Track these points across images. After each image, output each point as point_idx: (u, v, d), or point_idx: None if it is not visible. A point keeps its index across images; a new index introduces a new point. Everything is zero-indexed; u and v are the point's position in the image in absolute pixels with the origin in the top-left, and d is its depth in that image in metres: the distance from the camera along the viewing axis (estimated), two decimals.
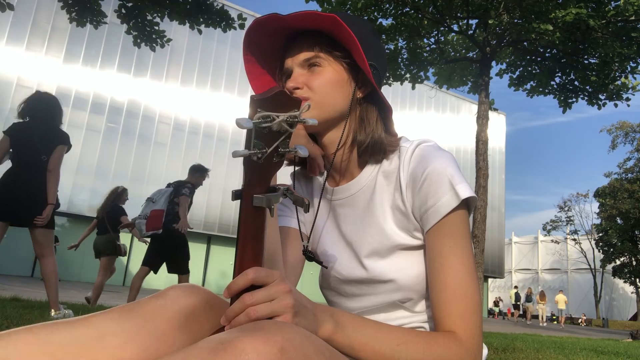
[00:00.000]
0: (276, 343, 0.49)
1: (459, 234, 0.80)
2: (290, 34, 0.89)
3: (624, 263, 29.78)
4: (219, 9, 7.79)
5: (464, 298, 0.77)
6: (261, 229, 0.60)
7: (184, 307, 0.75)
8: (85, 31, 17.16)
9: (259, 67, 0.94)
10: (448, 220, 0.80)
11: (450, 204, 0.79)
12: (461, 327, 0.75)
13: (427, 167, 0.82)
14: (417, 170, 0.83)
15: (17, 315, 3.41)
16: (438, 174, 0.81)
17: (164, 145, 19.64)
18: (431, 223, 0.81)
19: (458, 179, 0.81)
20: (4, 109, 17.00)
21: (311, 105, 0.81)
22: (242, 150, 0.56)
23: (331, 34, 0.85)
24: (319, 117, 0.86)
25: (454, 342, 0.74)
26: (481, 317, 0.79)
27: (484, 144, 8.49)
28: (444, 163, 0.82)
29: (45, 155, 3.73)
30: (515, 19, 8.47)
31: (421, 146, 0.86)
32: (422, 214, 0.82)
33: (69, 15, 7.45)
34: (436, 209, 0.80)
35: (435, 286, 0.80)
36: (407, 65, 9.91)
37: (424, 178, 0.82)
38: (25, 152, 3.71)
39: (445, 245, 0.80)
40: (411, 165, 0.85)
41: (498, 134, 28.74)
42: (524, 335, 8.18)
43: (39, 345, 0.65)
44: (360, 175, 0.92)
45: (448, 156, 0.84)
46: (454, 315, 0.76)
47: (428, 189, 0.81)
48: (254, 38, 0.89)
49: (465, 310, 0.76)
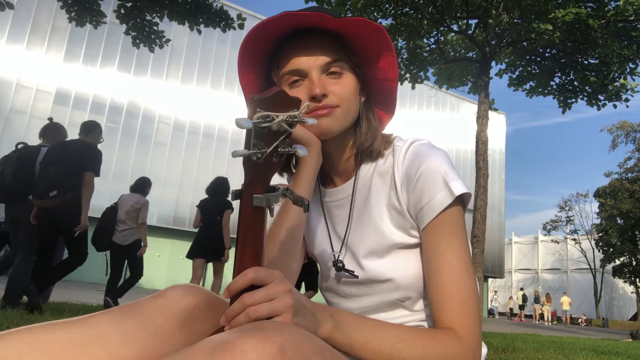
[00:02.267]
0: (276, 343, 0.49)
1: (455, 230, 0.80)
2: (301, 29, 0.83)
3: (624, 263, 29.76)
4: (218, 9, 7.78)
5: (462, 294, 0.77)
6: (261, 229, 0.60)
7: (183, 307, 0.75)
8: (85, 31, 17.16)
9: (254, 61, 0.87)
10: (443, 217, 0.80)
11: (445, 201, 0.79)
12: (459, 323, 0.75)
13: (421, 165, 0.82)
14: (411, 169, 0.83)
15: (17, 315, 3.41)
16: (432, 171, 0.81)
17: (164, 145, 19.64)
18: (427, 220, 0.81)
19: (452, 175, 0.81)
20: (4, 108, 17.01)
21: (338, 115, 0.82)
22: (241, 150, 0.56)
23: (355, 40, 0.84)
24: (343, 126, 0.85)
25: (453, 338, 0.74)
26: (480, 313, 0.79)
27: (484, 144, 8.48)
28: (438, 160, 0.82)
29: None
30: (515, 18, 8.46)
31: (415, 144, 0.87)
32: (418, 211, 0.83)
33: (68, 14, 7.45)
34: (431, 207, 0.80)
35: (433, 283, 0.80)
36: (407, 65, 9.91)
37: (418, 176, 0.82)
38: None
39: (442, 242, 0.80)
40: (405, 163, 0.85)
41: (498, 134, 28.73)
42: (524, 335, 8.18)
43: (38, 346, 0.65)
44: (354, 176, 0.92)
45: (442, 153, 0.84)
46: (452, 312, 0.76)
47: (422, 186, 0.81)
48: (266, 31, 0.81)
49: (463, 306, 0.76)
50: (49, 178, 3.87)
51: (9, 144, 19.05)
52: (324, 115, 0.81)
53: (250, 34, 0.78)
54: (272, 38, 0.83)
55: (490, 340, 5.83)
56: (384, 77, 0.90)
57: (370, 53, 0.86)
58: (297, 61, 0.82)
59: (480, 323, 0.78)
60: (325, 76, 0.83)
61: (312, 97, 0.80)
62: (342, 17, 0.79)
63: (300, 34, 0.83)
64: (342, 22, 0.79)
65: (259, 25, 0.77)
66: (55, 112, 17.92)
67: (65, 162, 3.94)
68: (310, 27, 0.82)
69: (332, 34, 0.84)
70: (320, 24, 0.81)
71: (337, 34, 0.84)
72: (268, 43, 0.83)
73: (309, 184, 0.85)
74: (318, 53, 0.82)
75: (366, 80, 0.91)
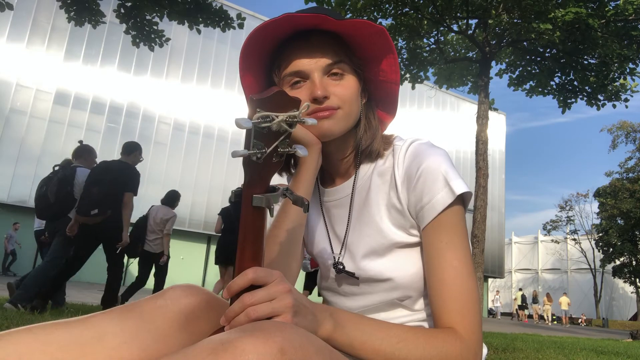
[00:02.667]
0: (276, 343, 0.49)
1: (455, 230, 0.80)
2: (302, 30, 0.82)
3: (624, 263, 29.75)
4: (218, 9, 7.78)
5: (462, 294, 0.77)
6: (261, 229, 0.60)
7: (183, 307, 0.75)
8: (85, 31, 17.16)
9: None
10: (444, 217, 0.80)
11: (446, 200, 0.79)
12: (460, 323, 0.75)
13: (422, 164, 0.82)
14: (412, 168, 0.83)
15: (17, 315, 3.41)
16: (433, 170, 0.81)
17: (164, 145, 19.63)
18: (427, 220, 0.81)
19: (453, 175, 0.81)
20: (4, 108, 17.00)
21: (340, 117, 0.82)
22: (241, 150, 0.56)
23: (356, 41, 0.84)
24: (345, 128, 0.85)
25: (454, 338, 0.74)
26: (480, 312, 0.79)
27: (484, 144, 8.48)
28: (438, 160, 0.82)
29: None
30: (515, 18, 8.46)
31: (415, 144, 0.86)
32: (418, 211, 0.82)
33: (67, 14, 7.44)
34: (432, 206, 0.80)
35: (433, 283, 0.80)
36: (407, 65, 9.91)
37: (419, 175, 0.82)
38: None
39: (442, 241, 0.80)
40: (405, 163, 0.85)
41: (498, 134, 28.72)
42: (524, 335, 8.18)
43: (38, 346, 0.64)
44: (355, 175, 0.92)
45: (442, 153, 0.84)
46: (453, 311, 0.76)
47: (423, 186, 0.81)
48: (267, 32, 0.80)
49: (464, 306, 0.76)
50: (91, 197, 4.33)
51: (9, 144, 19.07)
52: (326, 117, 0.81)
53: (251, 36, 0.78)
54: (273, 39, 0.82)
55: (490, 340, 5.83)
56: (385, 79, 0.90)
57: (371, 55, 0.86)
58: (299, 63, 0.81)
59: (480, 322, 0.78)
60: (327, 78, 0.83)
61: (314, 99, 0.80)
62: (343, 18, 0.78)
63: (302, 35, 0.82)
64: (344, 24, 0.79)
65: (259, 27, 0.76)
66: (55, 112, 17.93)
67: (106, 183, 4.41)
68: (311, 29, 0.82)
69: (333, 35, 0.83)
70: (322, 26, 0.81)
71: (338, 35, 0.83)
72: (269, 45, 0.83)
73: (308, 185, 0.85)
74: (319, 55, 0.81)
75: (367, 81, 0.91)
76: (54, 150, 17.83)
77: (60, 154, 17.98)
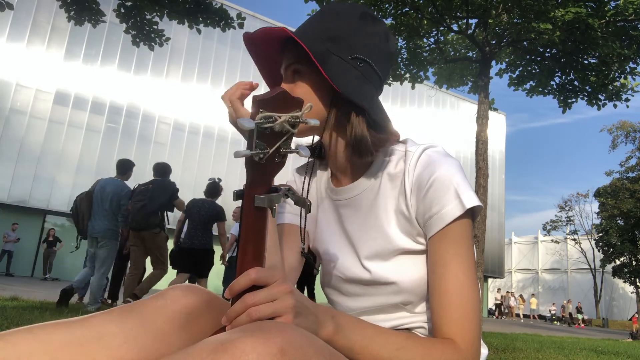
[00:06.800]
0: (276, 344, 0.49)
1: (462, 242, 0.80)
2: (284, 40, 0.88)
3: (624, 263, 29.73)
4: (218, 8, 7.78)
5: (464, 306, 0.77)
6: (263, 229, 0.60)
7: (184, 308, 0.75)
8: (85, 31, 17.17)
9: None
10: (452, 228, 0.79)
11: (455, 212, 0.78)
12: (460, 335, 0.75)
13: (433, 173, 0.81)
14: (423, 176, 0.82)
15: (17, 315, 3.41)
16: (444, 181, 0.80)
17: (164, 145, 19.64)
18: (434, 230, 0.80)
19: (464, 187, 0.80)
20: (4, 108, 17.01)
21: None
22: (244, 150, 0.56)
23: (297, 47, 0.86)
24: (304, 128, 0.87)
25: (453, 349, 0.74)
26: (480, 325, 0.79)
27: (483, 143, 8.47)
28: (451, 170, 0.81)
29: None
30: (515, 18, 8.46)
31: (427, 151, 0.85)
32: (426, 220, 0.82)
33: (67, 14, 7.44)
34: (440, 217, 0.79)
35: (436, 293, 0.79)
36: (407, 65, 9.90)
37: (430, 184, 0.81)
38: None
39: (448, 252, 0.79)
40: (417, 170, 0.84)
41: (498, 134, 28.75)
42: (524, 335, 8.18)
43: (38, 346, 0.64)
44: (363, 176, 0.91)
45: (455, 163, 0.83)
46: (453, 322, 0.76)
47: (433, 195, 0.80)
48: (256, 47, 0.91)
49: (465, 318, 0.76)
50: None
51: (9, 144, 19.12)
52: None
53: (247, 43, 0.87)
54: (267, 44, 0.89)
55: (490, 340, 5.84)
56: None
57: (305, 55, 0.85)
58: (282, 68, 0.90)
59: (480, 335, 0.78)
60: (290, 80, 0.87)
61: None
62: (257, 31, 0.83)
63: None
64: (255, 36, 0.84)
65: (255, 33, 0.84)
66: (55, 112, 17.93)
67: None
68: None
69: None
70: (285, 34, 0.83)
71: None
72: (269, 48, 0.90)
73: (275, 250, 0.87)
74: (285, 59, 0.88)
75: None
76: (54, 150, 17.84)
77: (60, 154, 18.01)
